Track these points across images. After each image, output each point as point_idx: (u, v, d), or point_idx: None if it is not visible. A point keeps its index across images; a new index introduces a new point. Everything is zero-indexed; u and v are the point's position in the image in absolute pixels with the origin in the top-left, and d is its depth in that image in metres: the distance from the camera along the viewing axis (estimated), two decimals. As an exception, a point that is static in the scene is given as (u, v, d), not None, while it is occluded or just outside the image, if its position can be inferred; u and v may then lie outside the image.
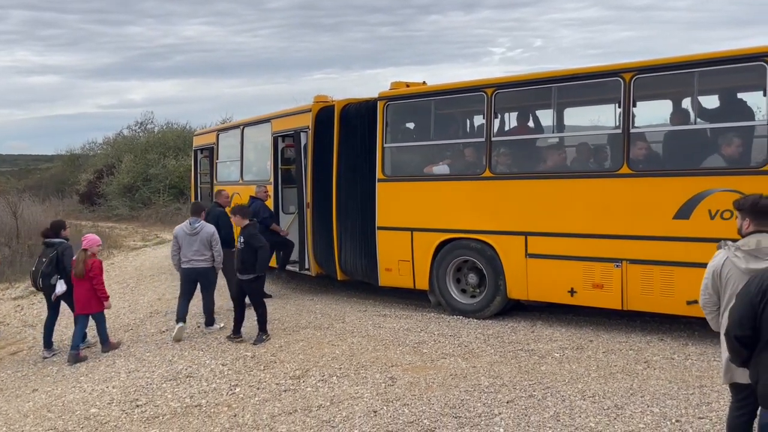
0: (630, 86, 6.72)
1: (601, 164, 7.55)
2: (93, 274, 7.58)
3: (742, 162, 6.36)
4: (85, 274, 7.55)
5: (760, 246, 3.57)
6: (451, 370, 6.14)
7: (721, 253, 3.77)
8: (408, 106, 8.95)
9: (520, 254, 7.58)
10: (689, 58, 6.62)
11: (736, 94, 6.83)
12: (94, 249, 7.78)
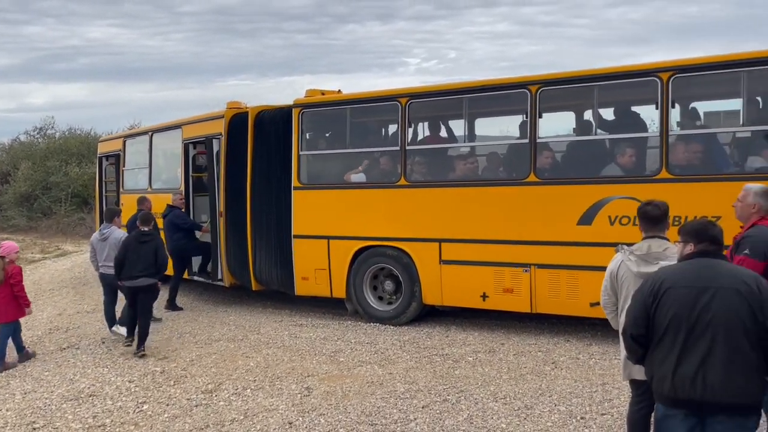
0: (536, 98, 7.01)
1: (510, 173, 7.82)
2: (14, 281, 7.34)
3: (638, 171, 6.78)
4: (5, 281, 7.24)
5: (650, 251, 3.81)
6: (368, 377, 6.15)
7: (617, 257, 4.00)
8: (323, 114, 8.93)
9: (435, 261, 7.72)
10: (590, 72, 7.00)
11: (632, 107, 7.29)
12: (12, 256, 7.48)
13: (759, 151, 6.32)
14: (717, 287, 3.05)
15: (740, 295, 2.99)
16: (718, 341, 3.01)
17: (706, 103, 7.70)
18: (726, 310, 3.00)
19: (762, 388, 3.07)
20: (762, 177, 6.13)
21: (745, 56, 6.20)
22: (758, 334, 2.97)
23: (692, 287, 3.10)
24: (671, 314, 3.12)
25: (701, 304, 3.05)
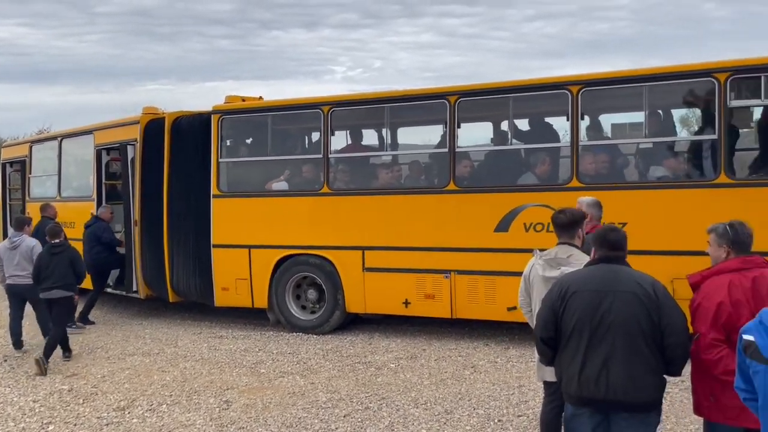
0: (455, 108, 7.18)
1: (431, 181, 7.96)
2: None
3: (551, 179, 7.06)
4: None
5: (556, 256, 3.98)
6: (289, 388, 6.06)
7: (531, 261, 4.16)
8: (244, 120, 8.79)
9: (358, 268, 7.73)
10: (505, 84, 7.25)
11: (546, 118, 7.59)
12: None
13: (660, 161, 6.73)
14: (617, 291, 3.20)
15: (637, 299, 3.15)
16: (618, 343, 3.16)
17: (613, 115, 8.14)
18: (624, 314, 3.15)
19: (660, 387, 3.24)
20: (663, 186, 6.57)
21: (646, 72, 6.60)
22: (654, 335, 3.14)
23: (595, 291, 3.25)
24: (576, 317, 3.27)
25: (603, 308, 3.20)
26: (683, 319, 3.20)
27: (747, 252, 3.33)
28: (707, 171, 6.44)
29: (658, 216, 6.38)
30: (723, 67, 6.17)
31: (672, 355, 3.17)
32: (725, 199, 6.09)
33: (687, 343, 3.19)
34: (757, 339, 2.35)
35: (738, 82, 6.15)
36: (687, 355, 3.22)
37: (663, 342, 3.15)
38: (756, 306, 3.18)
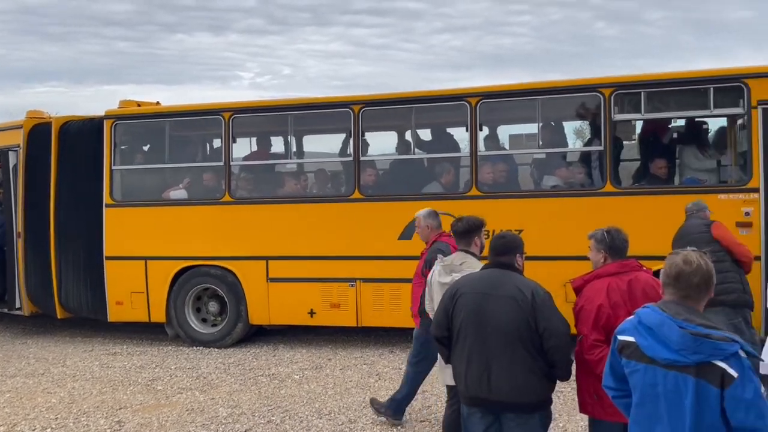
0: (359, 117, 7.21)
1: (337, 189, 7.95)
2: None
3: (452, 188, 7.23)
4: None
5: (452, 263, 4.10)
6: (188, 404, 5.82)
7: (434, 267, 4.27)
8: (140, 126, 8.41)
9: (262, 279, 7.56)
10: (408, 95, 7.36)
11: (447, 128, 7.79)
12: None
13: (553, 171, 7.07)
14: (498, 295, 3.32)
15: (515, 303, 3.26)
16: (498, 346, 3.26)
17: (511, 126, 8.46)
18: (503, 316, 3.26)
19: (544, 389, 3.34)
20: (556, 194, 6.90)
21: (539, 85, 6.94)
22: (533, 339, 3.25)
23: (479, 294, 3.37)
24: (462, 318, 3.38)
25: (484, 310, 3.31)
26: (562, 323, 3.29)
27: (623, 256, 3.54)
28: (595, 180, 6.82)
29: (551, 223, 6.68)
30: (607, 83, 6.58)
31: (552, 359, 3.27)
32: (611, 207, 6.47)
33: (566, 346, 3.27)
34: (637, 339, 2.44)
35: (621, 97, 6.57)
36: (567, 357, 3.30)
37: (543, 345, 3.26)
38: (632, 307, 3.38)
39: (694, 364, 2.31)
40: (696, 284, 2.42)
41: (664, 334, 2.37)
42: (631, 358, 2.47)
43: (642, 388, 2.45)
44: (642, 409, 2.46)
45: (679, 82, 6.52)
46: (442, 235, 5.04)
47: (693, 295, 2.44)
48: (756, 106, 6.14)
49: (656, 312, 2.43)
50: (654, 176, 6.81)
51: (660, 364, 2.37)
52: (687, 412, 2.32)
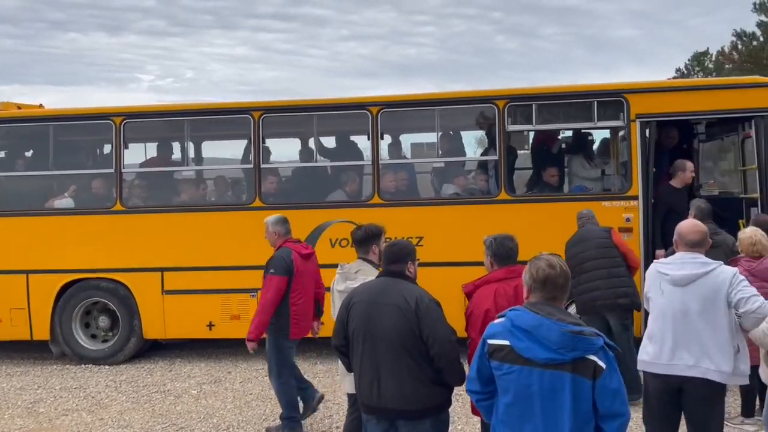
0: (259, 124, 7.08)
1: (237, 198, 7.75)
2: None
3: (355, 196, 7.25)
4: None
5: (348, 271, 4.12)
6: (73, 427, 5.45)
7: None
8: (19, 130, 7.83)
9: (157, 291, 7.23)
10: (310, 102, 7.32)
11: (350, 136, 7.81)
12: None
13: (452, 179, 7.26)
14: (385, 303, 3.35)
15: (399, 311, 3.29)
16: (386, 353, 3.29)
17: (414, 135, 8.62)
18: (390, 325, 3.29)
19: (434, 395, 3.34)
20: (455, 202, 7.08)
21: (438, 96, 7.12)
22: (418, 347, 3.28)
23: (368, 302, 3.39)
24: (355, 326, 3.40)
25: (373, 319, 3.34)
26: (446, 330, 3.32)
27: (510, 262, 3.67)
28: (491, 188, 7.07)
29: (450, 230, 6.84)
30: (501, 95, 6.86)
31: (439, 365, 3.30)
32: (506, 214, 6.73)
33: (452, 352, 3.29)
34: (512, 342, 2.52)
35: (514, 109, 6.86)
36: (454, 364, 3.31)
37: (429, 352, 3.28)
38: None
39: (570, 361, 2.44)
40: (561, 285, 2.58)
41: (542, 335, 2.47)
42: (505, 361, 2.53)
43: (516, 389, 2.52)
44: (513, 409, 2.54)
45: (567, 96, 6.91)
46: (287, 241, 5.20)
47: (559, 296, 2.59)
48: (635, 120, 6.61)
49: (529, 314, 2.53)
50: (545, 184, 7.16)
51: (537, 364, 2.47)
52: (565, 406, 2.44)
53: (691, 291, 3.69)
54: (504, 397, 2.55)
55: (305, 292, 5.13)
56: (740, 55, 30.86)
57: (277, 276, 4.95)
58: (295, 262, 5.06)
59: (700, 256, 3.81)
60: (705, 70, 37.18)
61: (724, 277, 3.67)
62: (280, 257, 5.04)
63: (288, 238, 5.26)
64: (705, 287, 3.67)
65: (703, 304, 3.67)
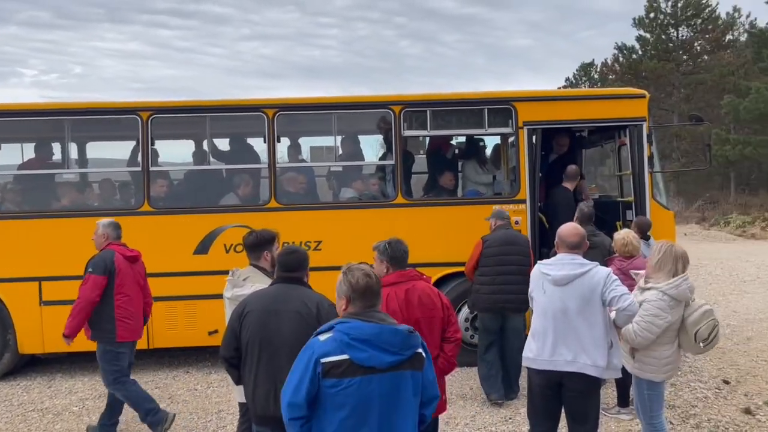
0: (147, 125, 6.78)
1: (125, 202, 7.38)
2: None
3: (251, 200, 7.10)
4: None
5: (238, 278, 4.03)
6: (-67, 455, 4.96)
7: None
8: None
9: (34, 303, 6.73)
10: (203, 104, 7.08)
11: (246, 139, 7.64)
12: None
13: (350, 183, 7.28)
14: (284, 310, 3.31)
15: (299, 316, 3.28)
16: (284, 362, 3.23)
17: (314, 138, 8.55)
18: (288, 332, 3.26)
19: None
20: (353, 206, 7.09)
21: (335, 100, 7.11)
22: None
23: (265, 311, 3.34)
24: (249, 336, 3.33)
25: (271, 327, 3.29)
26: None
27: (402, 266, 3.75)
28: (388, 192, 7.16)
29: (348, 234, 6.85)
30: (397, 100, 6.96)
31: None
32: (403, 218, 6.84)
33: None
34: (352, 354, 2.51)
35: (410, 114, 6.99)
36: None
37: None
38: (408, 315, 3.59)
39: (408, 359, 2.59)
40: (377, 293, 2.72)
41: (385, 341, 2.55)
42: (344, 376, 2.51)
43: (355, 401, 2.53)
44: (348, 422, 2.54)
45: (459, 103, 7.12)
46: (111, 244, 5.18)
47: (377, 303, 2.71)
48: (522, 127, 6.92)
49: (366, 324, 2.58)
50: (440, 189, 7.34)
51: (379, 370, 2.53)
52: (407, 403, 2.60)
53: (569, 290, 3.90)
54: (338, 412, 2.52)
55: (131, 293, 5.11)
56: (621, 67, 33.15)
57: (94, 275, 4.95)
58: (118, 263, 5.05)
59: (578, 257, 4.04)
60: (591, 80, 39.69)
61: (599, 277, 3.90)
62: (101, 257, 5.06)
63: (113, 242, 5.23)
64: (582, 287, 3.89)
65: (581, 303, 3.88)
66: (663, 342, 4.04)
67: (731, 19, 31.18)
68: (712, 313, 4.06)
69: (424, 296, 3.69)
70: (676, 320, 4.02)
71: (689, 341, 4.05)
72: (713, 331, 4.01)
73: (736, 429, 5.21)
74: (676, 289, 3.96)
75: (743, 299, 10.35)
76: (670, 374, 4.22)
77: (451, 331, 3.76)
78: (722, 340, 7.74)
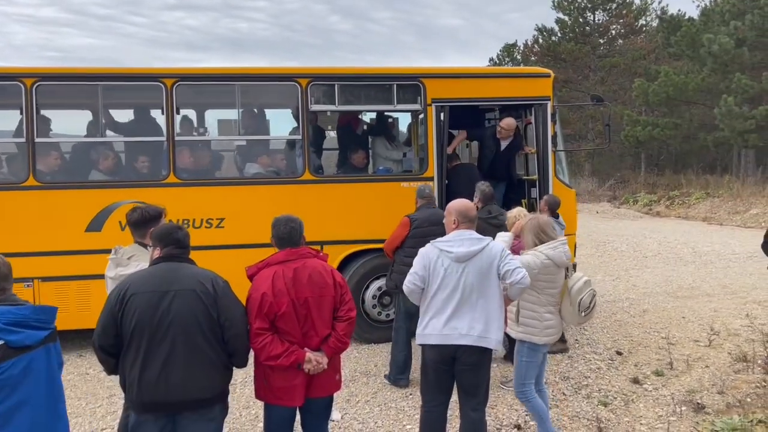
0: (32, 93, 6.29)
1: (8, 176, 6.85)
2: None
3: (148, 175, 6.75)
4: None
5: (122, 256, 3.81)
6: None
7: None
8: None
9: None
10: (95, 71, 6.62)
11: (146, 110, 7.22)
12: None
13: (255, 159, 7.05)
14: (177, 290, 3.16)
15: (196, 295, 3.16)
16: (178, 343, 3.12)
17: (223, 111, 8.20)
18: (184, 312, 3.13)
19: (223, 379, 3.31)
20: (257, 182, 6.88)
21: (238, 71, 6.83)
22: (214, 331, 3.19)
23: (154, 292, 3.16)
24: (135, 321, 3.14)
25: (162, 308, 3.13)
26: (241, 312, 3.34)
27: (291, 244, 3.63)
28: (294, 168, 6.99)
29: (252, 211, 6.64)
30: (304, 73, 6.76)
31: (233, 348, 3.27)
32: (310, 194, 6.70)
33: (246, 334, 3.33)
34: (7, 338, 2.62)
35: (317, 88, 6.81)
36: (246, 345, 3.35)
37: (224, 336, 3.23)
38: (296, 294, 3.49)
39: (42, 338, 2.74)
40: (6, 275, 2.84)
41: (37, 319, 2.74)
42: (5, 360, 2.62)
43: (12, 381, 2.63)
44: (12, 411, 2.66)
45: (368, 77, 6.99)
46: None
47: (8, 287, 2.83)
48: (430, 104, 6.89)
49: (11, 308, 2.70)
50: (349, 165, 7.23)
51: (33, 347, 2.69)
52: (49, 379, 2.76)
53: (470, 266, 3.94)
54: (7, 400, 2.63)
55: None
56: (541, 49, 33.92)
57: None
58: None
59: (474, 233, 4.07)
60: (514, 61, 40.46)
61: (495, 251, 3.98)
62: None
63: None
64: (481, 261, 3.94)
65: (480, 277, 3.93)
66: (543, 303, 4.28)
67: (644, 4, 32.46)
68: (591, 284, 4.30)
69: (315, 274, 3.59)
70: (556, 284, 4.29)
71: (572, 311, 4.22)
72: (593, 300, 4.20)
73: (624, 398, 5.45)
74: (553, 251, 4.26)
75: (644, 273, 10.89)
76: (551, 339, 4.41)
77: (344, 310, 3.68)
78: (620, 313, 8.11)
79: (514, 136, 7.48)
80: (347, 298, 3.72)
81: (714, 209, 19.88)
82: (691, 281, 10.12)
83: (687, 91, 23.13)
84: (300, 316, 3.50)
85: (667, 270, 11.15)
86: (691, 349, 6.59)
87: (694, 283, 10.00)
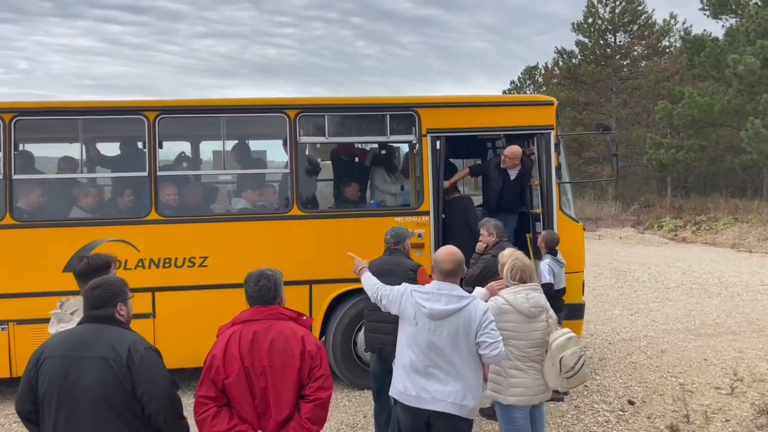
0: (10, 128, 6.08)
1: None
2: None
3: (131, 212, 6.46)
4: None
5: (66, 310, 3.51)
6: None
7: None
8: None
9: None
10: (74, 105, 6.37)
11: (128, 145, 6.96)
12: None
13: (241, 194, 6.73)
14: (88, 356, 2.80)
15: (107, 364, 2.78)
16: (88, 416, 2.76)
17: (209, 143, 7.92)
18: (92, 382, 2.77)
19: None
20: (244, 218, 6.55)
21: (224, 102, 6.55)
22: (128, 405, 2.79)
23: (65, 357, 2.82)
24: (45, 388, 2.81)
25: (71, 377, 2.78)
26: (165, 382, 2.88)
27: (263, 302, 3.17)
28: (282, 203, 6.64)
29: (237, 249, 6.30)
30: (293, 105, 6.45)
31: (156, 424, 2.85)
32: (298, 230, 6.34)
33: (171, 409, 2.88)
34: None
35: (306, 120, 6.49)
36: (174, 421, 2.90)
37: (144, 411, 2.83)
38: (252, 361, 3.02)
39: None
40: None
41: None
42: None
43: None
44: None
45: (360, 108, 6.67)
46: None
47: None
48: (425, 135, 6.52)
49: None
50: (342, 199, 6.87)
51: None
52: None
53: (444, 325, 3.57)
54: None
55: None
56: (561, 71, 33.46)
57: None
58: None
59: (457, 288, 3.70)
60: (535, 84, 40.04)
61: (476, 314, 3.58)
62: None
63: None
64: (458, 321, 3.56)
65: (454, 339, 3.56)
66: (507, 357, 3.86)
67: (667, 25, 31.81)
68: (577, 342, 3.80)
69: (279, 339, 3.04)
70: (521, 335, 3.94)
71: (554, 371, 3.76)
72: (579, 361, 3.70)
73: (634, 458, 4.92)
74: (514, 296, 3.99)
75: (665, 307, 10.27)
76: (519, 400, 3.95)
77: (312, 388, 3.02)
78: (636, 354, 7.54)
79: (522, 164, 6.99)
80: (319, 374, 3.06)
81: (743, 235, 19.04)
82: (715, 316, 9.49)
83: (713, 113, 22.42)
84: (256, 389, 3.02)
85: (690, 303, 10.51)
86: (711, 398, 6.03)
87: (718, 318, 9.37)
